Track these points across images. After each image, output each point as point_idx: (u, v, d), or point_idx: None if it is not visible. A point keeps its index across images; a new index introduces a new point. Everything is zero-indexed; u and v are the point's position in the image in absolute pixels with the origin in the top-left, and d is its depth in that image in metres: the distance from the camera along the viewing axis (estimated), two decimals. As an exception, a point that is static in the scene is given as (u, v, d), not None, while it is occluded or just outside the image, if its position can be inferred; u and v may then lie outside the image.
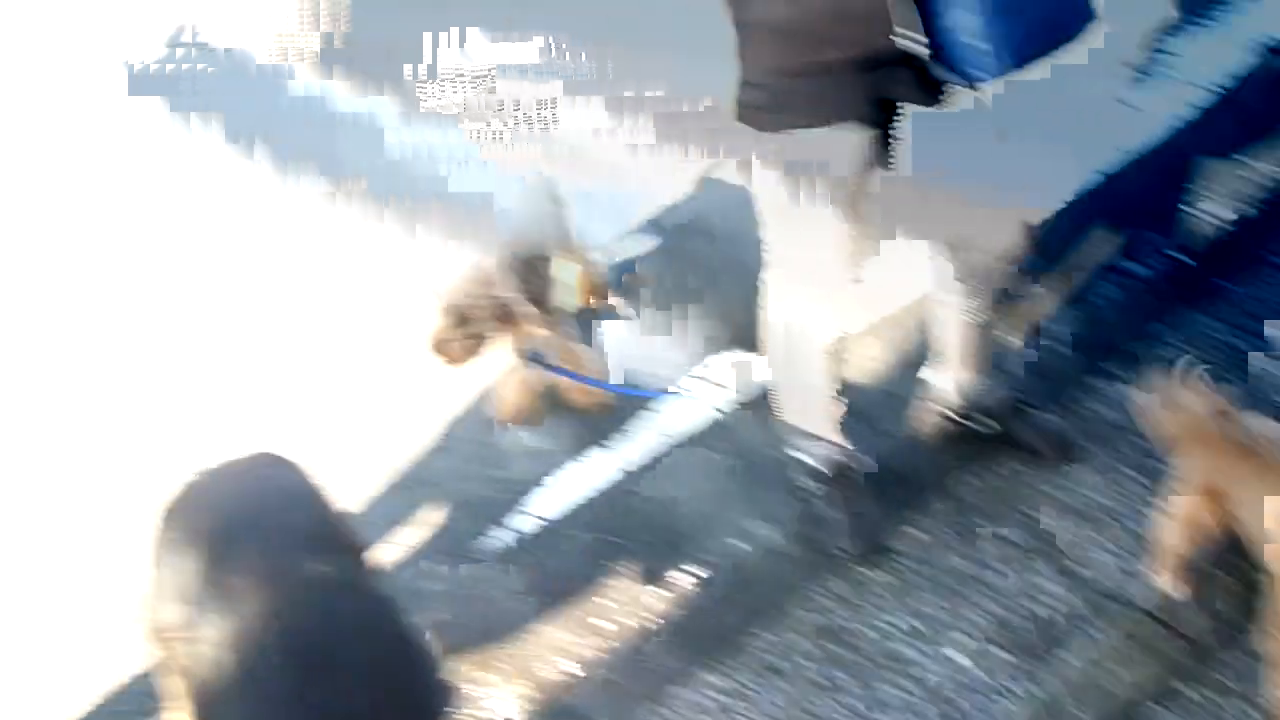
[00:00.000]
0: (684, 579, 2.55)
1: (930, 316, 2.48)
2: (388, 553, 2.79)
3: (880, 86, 1.92)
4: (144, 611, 1.90)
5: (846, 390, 2.49)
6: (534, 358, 2.97)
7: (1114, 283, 3.07)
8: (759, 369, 3.07)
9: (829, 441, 2.49)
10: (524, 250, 2.91)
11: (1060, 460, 2.55)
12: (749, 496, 2.72)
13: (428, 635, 1.76)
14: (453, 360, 2.78)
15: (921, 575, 2.42)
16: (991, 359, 2.51)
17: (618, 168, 4.19)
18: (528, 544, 2.75)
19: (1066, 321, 2.97)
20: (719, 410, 3.03)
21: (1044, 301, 2.75)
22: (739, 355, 2.88)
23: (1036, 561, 2.38)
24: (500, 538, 2.78)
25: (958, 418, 2.60)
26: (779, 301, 2.29)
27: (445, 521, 2.86)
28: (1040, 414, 2.62)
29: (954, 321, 2.41)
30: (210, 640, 1.55)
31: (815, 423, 2.47)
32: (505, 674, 2.42)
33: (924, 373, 2.63)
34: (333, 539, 1.78)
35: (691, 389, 3.10)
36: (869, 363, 3.04)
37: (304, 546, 1.71)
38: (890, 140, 2.10)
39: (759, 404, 3.00)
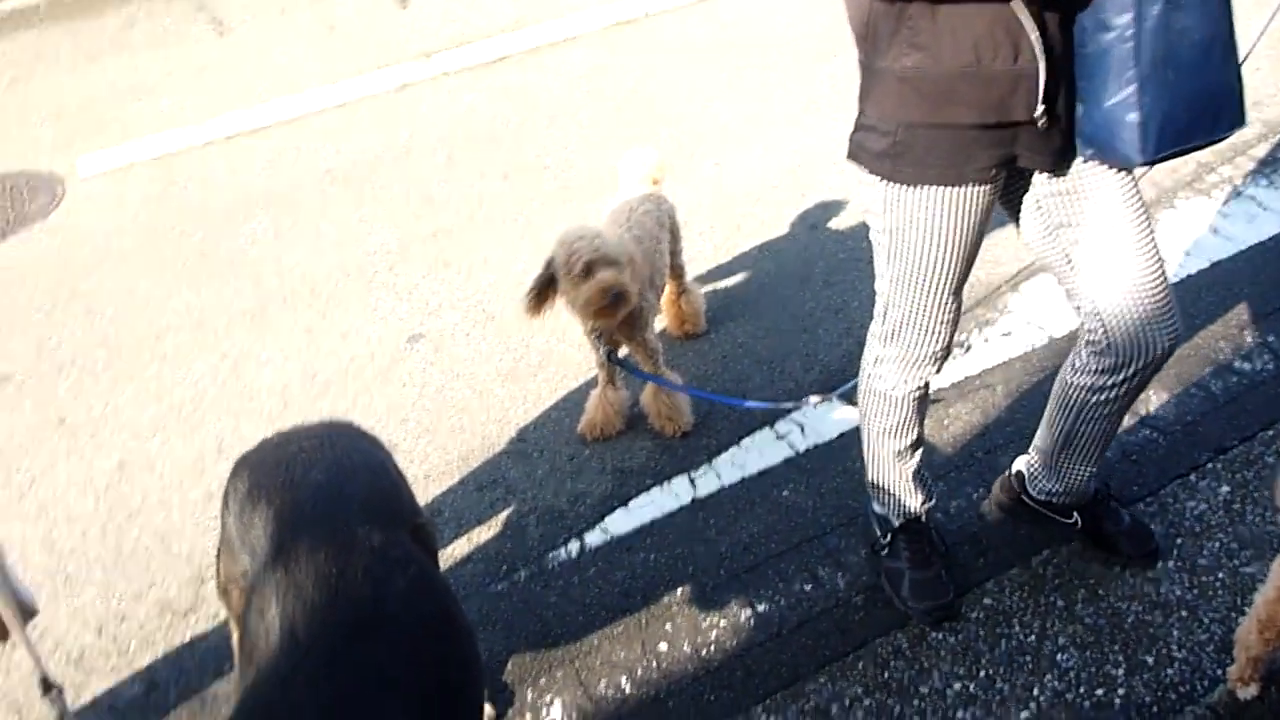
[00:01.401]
0: (746, 612, 2.57)
1: (1058, 400, 2.34)
2: (458, 549, 2.85)
3: (1009, 151, 1.91)
4: (217, 562, 1.99)
5: (931, 449, 2.49)
6: (620, 361, 3.03)
7: (1225, 378, 3.04)
8: (841, 413, 3.09)
9: (902, 498, 2.49)
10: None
11: (1138, 564, 2.52)
12: (821, 540, 2.74)
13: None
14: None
15: (986, 643, 2.40)
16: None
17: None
18: (596, 558, 2.78)
19: (1172, 409, 2.95)
20: (797, 451, 3.04)
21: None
22: (821, 397, 2.88)
23: (1105, 646, 2.35)
24: (570, 550, 2.82)
25: (1039, 507, 2.58)
26: (877, 350, 2.29)
27: (518, 526, 2.91)
28: (1127, 511, 2.57)
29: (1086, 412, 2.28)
30: (265, 595, 1.61)
31: (896, 479, 2.47)
32: (558, 683, 2.46)
33: (1019, 462, 2.61)
34: (389, 512, 1.83)
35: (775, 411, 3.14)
36: (956, 422, 3.03)
37: (360, 515, 1.75)
38: (1015, 205, 2.11)
39: (839, 448, 3.02)
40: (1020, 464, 2.60)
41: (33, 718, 2.53)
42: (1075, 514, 2.53)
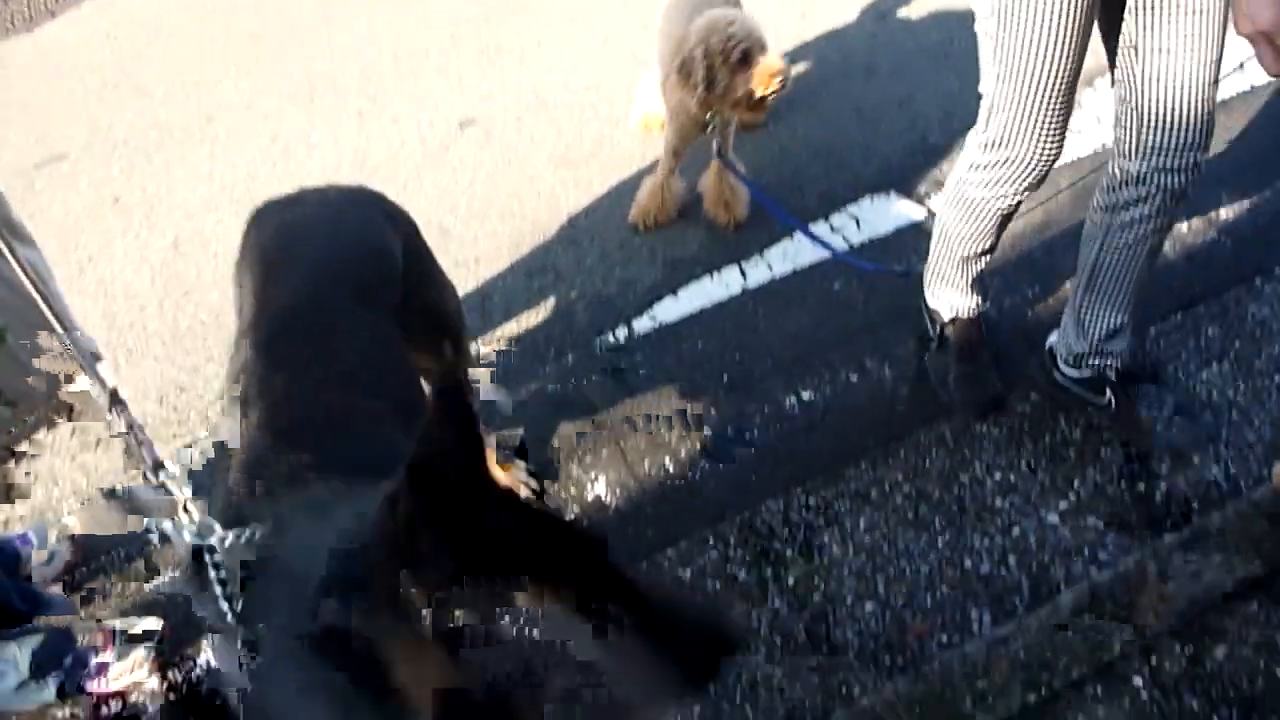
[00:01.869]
0: (790, 399, 2.58)
1: (1086, 232, 2.23)
2: (507, 331, 2.88)
3: None
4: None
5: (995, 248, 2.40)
6: (729, 163, 2.97)
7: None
8: (898, 208, 3.02)
9: (958, 297, 2.45)
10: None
11: (1178, 452, 2.33)
12: (870, 332, 2.72)
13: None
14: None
15: (1031, 436, 2.40)
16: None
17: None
18: (644, 344, 2.79)
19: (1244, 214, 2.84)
20: (851, 245, 2.99)
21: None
22: (886, 198, 2.81)
23: (1153, 444, 2.34)
24: (618, 335, 2.83)
25: (1070, 385, 2.42)
26: (976, 156, 2.15)
27: (567, 312, 2.91)
28: (1172, 393, 2.40)
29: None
30: (250, 344, 1.55)
31: (958, 278, 2.41)
32: (603, 461, 2.51)
33: (1050, 337, 2.47)
34: (376, 287, 1.72)
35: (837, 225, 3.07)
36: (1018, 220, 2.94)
37: (350, 288, 1.66)
38: None
39: (894, 243, 2.96)
40: (1052, 337, 2.47)
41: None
42: (1108, 391, 2.37)
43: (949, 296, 2.47)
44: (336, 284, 1.65)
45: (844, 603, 2.15)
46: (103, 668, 2.08)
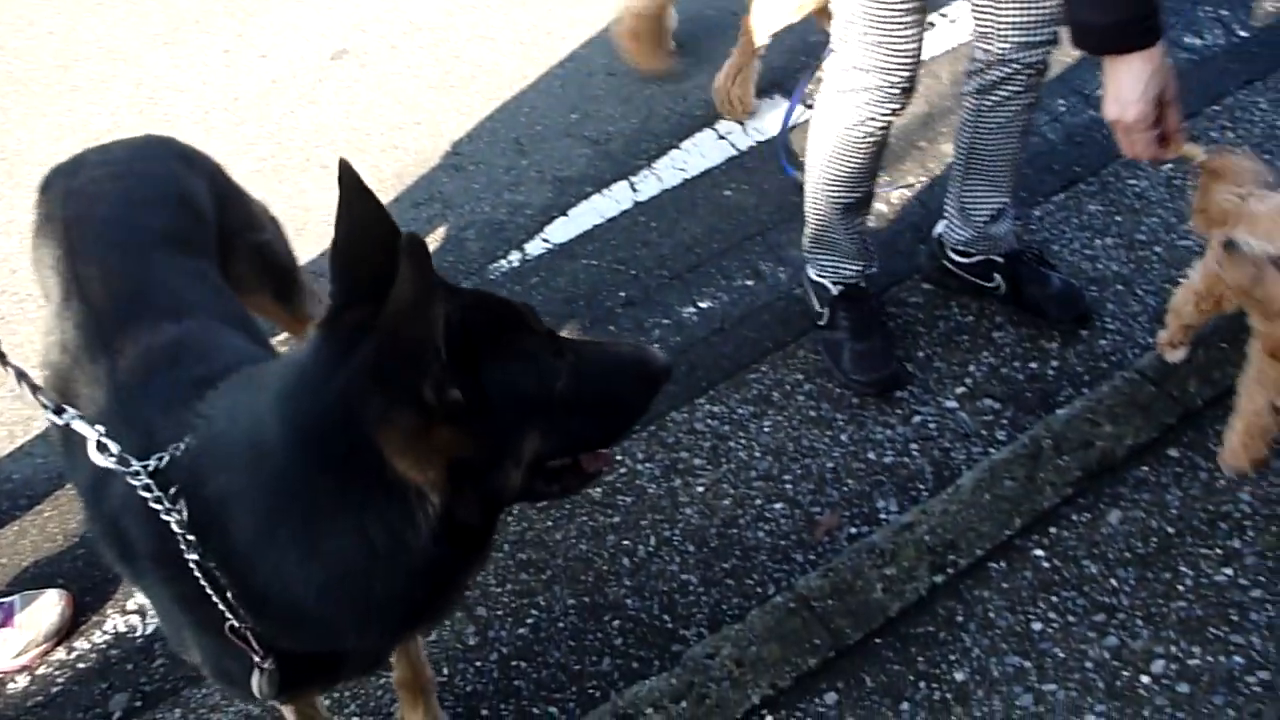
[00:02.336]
0: (688, 309, 2.57)
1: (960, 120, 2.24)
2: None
3: None
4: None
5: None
6: None
7: (1173, 54, 2.94)
8: (785, 107, 3.00)
9: (843, 262, 2.37)
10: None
11: (1066, 327, 2.38)
12: (763, 236, 2.72)
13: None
14: None
15: (925, 325, 2.43)
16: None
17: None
18: (538, 267, 2.75)
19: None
20: (739, 150, 2.97)
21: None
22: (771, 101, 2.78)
23: (1040, 323, 2.38)
24: (511, 260, 2.78)
25: (960, 272, 2.44)
26: (837, 81, 2.10)
27: (457, 240, 2.86)
28: (1057, 274, 2.40)
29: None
30: (67, 322, 1.48)
31: (840, 238, 2.33)
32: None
33: (938, 225, 2.47)
34: (186, 233, 1.66)
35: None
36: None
37: (158, 238, 1.60)
38: None
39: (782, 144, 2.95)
40: (939, 226, 2.47)
41: None
42: (997, 276, 2.38)
43: (834, 264, 2.37)
44: (142, 239, 1.59)
45: (754, 505, 2.17)
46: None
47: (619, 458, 2.26)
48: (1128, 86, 1.60)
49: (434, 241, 2.85)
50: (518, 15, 3.63)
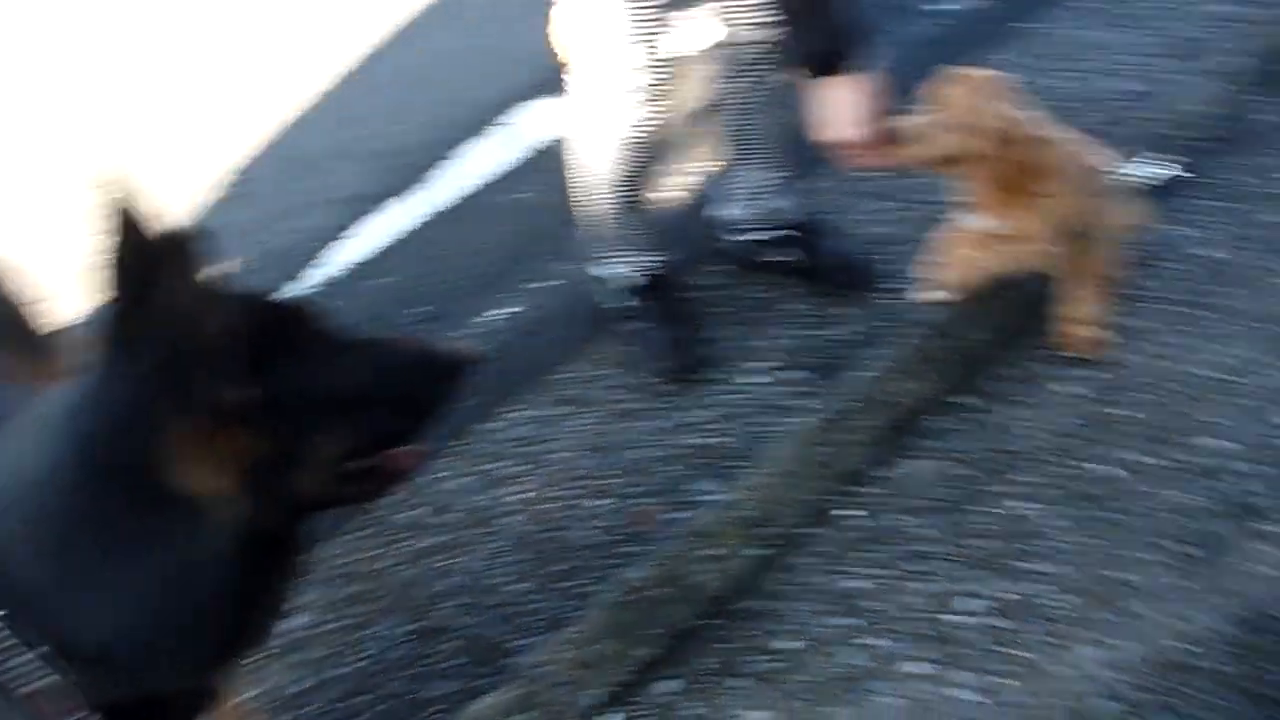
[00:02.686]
0: (493, 315, 2.55)
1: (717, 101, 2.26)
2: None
3: None
4: None
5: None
6: None
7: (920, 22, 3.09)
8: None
9: (634, 256, 2.37)
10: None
11: (863, 289, 2.45)
12: (563, 236, 2.69)
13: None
14: None
15: (727, 306, 2.48)
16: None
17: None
18: (327, 293, 2.67)
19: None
20: (530, 152, 2.96)
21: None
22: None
23: (836, 288, 2.45)
24: (300, 286, 2.69)
25: (760, 252, 2.49)
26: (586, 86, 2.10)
27: (245, 272, 2.74)
28: (841, 245, 2.49)
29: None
30: None
31: (628, 232, 2.34)
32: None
33: (727, 208, 2.49)
34: None
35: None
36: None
37: None
38: None
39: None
40: (725, 207, 2.49)
41: None
42: (789, 249, 2.44)
43: (631, 257, 2.37)
44: None
45: (579, 505, 2.16)
46: None
47: (441, 475, 2.22)
48: (843, 109, 1.69)
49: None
50: (287, 31, 3.52)
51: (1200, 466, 1.96)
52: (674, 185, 2.76)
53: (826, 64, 1.72)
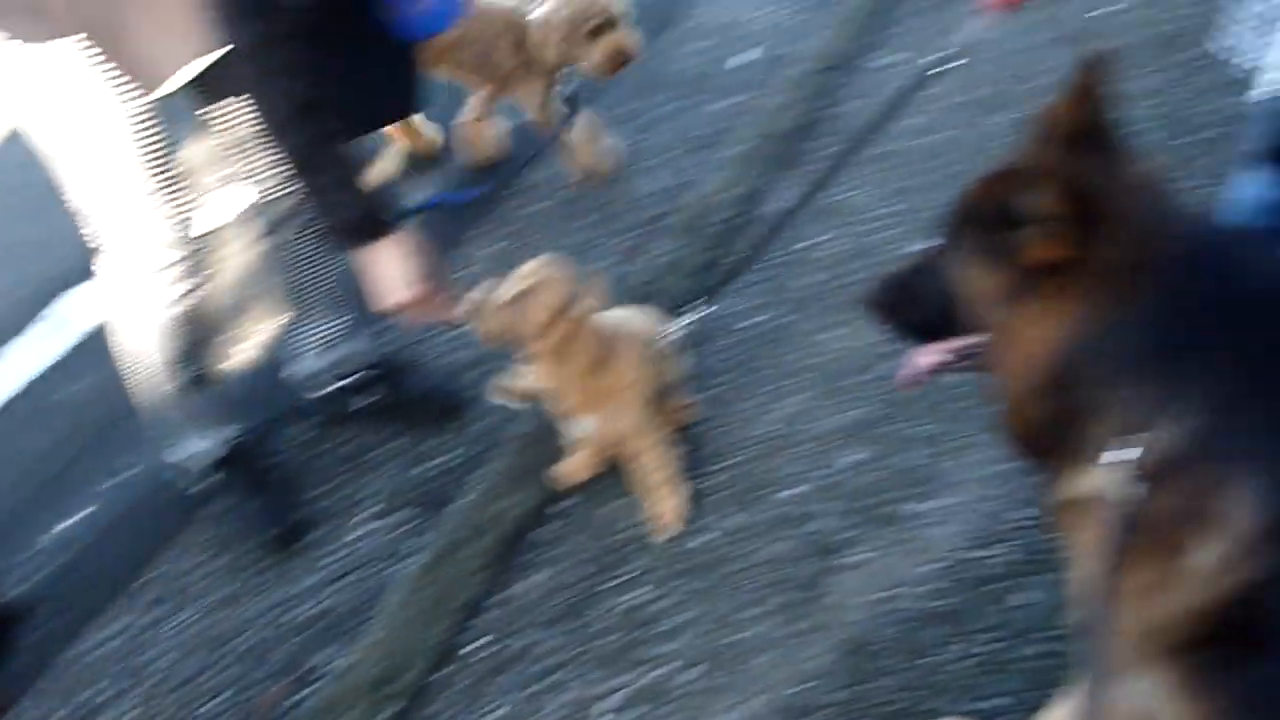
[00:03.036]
0: (58, 528, 2.32)
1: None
2: None
3: None
4: None
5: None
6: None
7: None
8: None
9: (204, 436, 2.27)
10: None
11: (451, 416, 2.46)
12: (127, 424, 2.49)
13: None
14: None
15: (319, 460, 2.41)
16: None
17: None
18: None
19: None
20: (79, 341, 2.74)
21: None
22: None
23: (426, 420, 2.45)
24: None
25: (344, 399, 2.45)
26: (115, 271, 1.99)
27: None
28: (423, 372, 2.52)
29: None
30: None
31: (190, 414, 2.23)
32: None
33: (303, 362, 2.43)
34: None
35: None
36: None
37: None
38: None
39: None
40: (302, 364, 2.43)
41: None
42: (371, 390, 2.43)
43: (203, 434, 2.25)
44: None
45: (196, 709, 1.98)
46: None
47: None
48: (391, 271, 1.71)
49: None
50: None
51: (783, 516, 2.11)
52: (241, 351, 2.66)
53: (361, 233, 1.73)
